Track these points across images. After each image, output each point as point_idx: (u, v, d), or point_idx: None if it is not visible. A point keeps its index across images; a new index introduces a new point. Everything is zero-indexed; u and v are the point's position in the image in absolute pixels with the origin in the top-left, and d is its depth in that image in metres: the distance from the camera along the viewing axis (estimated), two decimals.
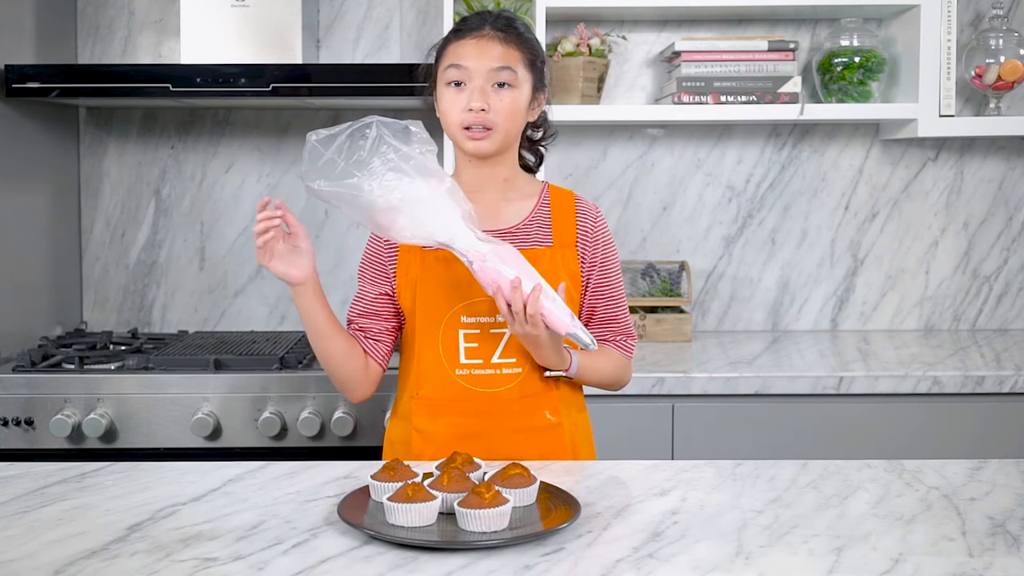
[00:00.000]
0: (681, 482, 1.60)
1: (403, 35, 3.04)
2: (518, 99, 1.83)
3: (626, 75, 3.07)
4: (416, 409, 1.87)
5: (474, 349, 1.84)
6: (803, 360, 2.67)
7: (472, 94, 1.80)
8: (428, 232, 1.71)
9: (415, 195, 1.68)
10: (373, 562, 1.29)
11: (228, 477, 1.62)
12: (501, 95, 1.81)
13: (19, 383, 2.41)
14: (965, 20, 3.04)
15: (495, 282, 1.72)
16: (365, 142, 1.67)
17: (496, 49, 1.81)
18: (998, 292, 3.12)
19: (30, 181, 2.80)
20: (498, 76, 1.81)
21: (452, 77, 1.82)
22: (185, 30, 2.73)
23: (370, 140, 1.67)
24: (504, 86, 1.82)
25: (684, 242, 3.10)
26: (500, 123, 1.82)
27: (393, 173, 1.67)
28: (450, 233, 1.72)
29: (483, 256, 1.72)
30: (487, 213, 1.88)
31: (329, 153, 1.67)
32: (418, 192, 1.69)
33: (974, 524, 1.42)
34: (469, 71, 1.81)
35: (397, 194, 1.67)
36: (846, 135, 3.09)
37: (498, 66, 1.81)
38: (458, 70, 1.81)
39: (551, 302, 1.73)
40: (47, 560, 1.30)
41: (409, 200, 1.68)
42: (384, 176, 1.67)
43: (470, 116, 1.80)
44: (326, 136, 1.68)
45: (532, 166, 2.00)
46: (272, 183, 3.06)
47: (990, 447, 2.47)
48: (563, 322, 1.73)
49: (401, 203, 1.68)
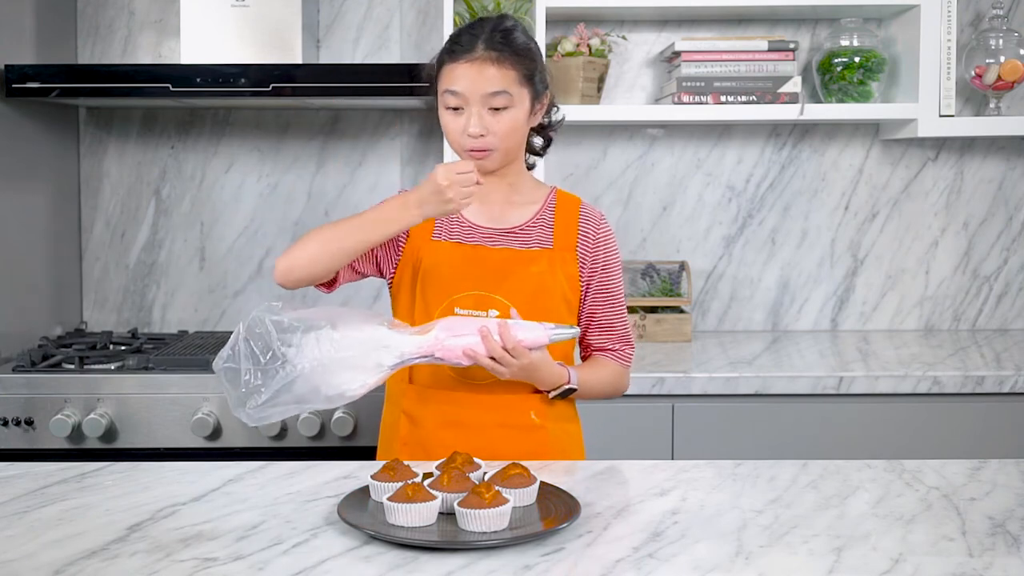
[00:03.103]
0: (681, 482, 1.60)
1: (403, 35, 3.04)
2: (516, 117, 1.85)
3: (626, 75, 3.07)
4: (408, 392, 1.90)
5: None
6: (803, 360, 2.67)
7: (470, 120, 1.82)
8: (375, 363, 1.68)
9: (338, 344, 1.65)
10: (373, 562, 1.29)
11: (228, 477, 1.63)
12: (499, 118, 1.83)
13: (19, 383, 2.41)
14: (965, 20, 3.04)
15: (466, 352, 1.73)
16: (264, 331, 1.63)
17: (490, 72, 1.81)
18: (998, 292, 3.12)
19: (30, 181, 2.80)
20: (493, 101, 1.82)
21: (449, 103, 1.84)
22: (185, 30, 2.73)
23: (269, 328, 1.63)
24: (501, 109, 1.83)
25: (684, 242, 3.10)
26: (499, 144, 1.84)
27: (306, 340, 1.63)
28: (393, 350, 1.70)
29: (436, 341, 1.72)
30: (492, 214, 1.92)
31: (244, 364, 1.61)
32: (336, 338, 1.65)
33: (974, 524, 1.42)
34: (464, 97, 1.82)
35: (322, 351, 1.63)
36: (846, 135, 3.09)
37: (493, 91, 1.81)
38: (455, 96, 1.83)
39: (518, 328, 1.75)
40: (47, 560, 1.30)
41: (337, 350, 1.64)
42: (301, 347, 1.62)
43: (470, 141, 1.83)
44: (228, 354, 1.62)
45: (539, 150, 2.01)
46: (272, 183, 3.06)
47: (990, 447, 2.47)
48: (539, 335, 1.76)
49: (331, 359, 1.64)
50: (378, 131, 3.05)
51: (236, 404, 1.62)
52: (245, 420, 1.62)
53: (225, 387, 1.63)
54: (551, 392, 1.86)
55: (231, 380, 1.62)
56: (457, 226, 1.91)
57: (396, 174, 3.05)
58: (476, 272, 1.87)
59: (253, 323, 1.63)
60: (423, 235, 1.91)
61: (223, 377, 1.62)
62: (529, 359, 1.76)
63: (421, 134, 3.06)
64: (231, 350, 1.62)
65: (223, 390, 1.63)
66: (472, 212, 1.93)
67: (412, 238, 1.91)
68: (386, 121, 3.05)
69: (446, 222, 1.92)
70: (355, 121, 3.05)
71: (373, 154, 3.06)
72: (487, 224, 1.91)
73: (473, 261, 1.88)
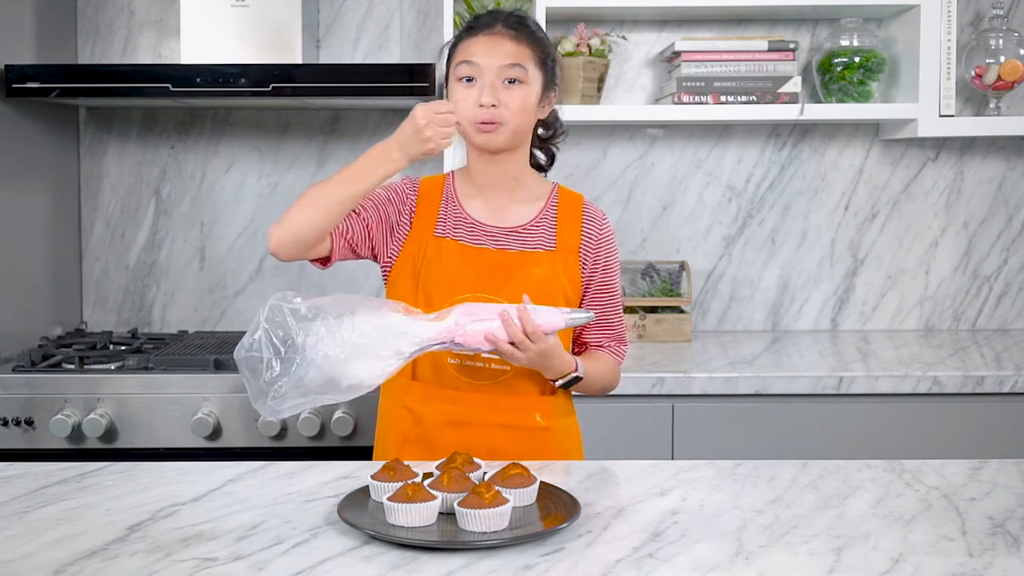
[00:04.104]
0: (681, 482, 1.60)
1: (403, 35, 3.04)
2: (529, 95, 1.86)
3: (626, 75, 3.07)
4: (413, 389, 1.90)
5: None
6: (803, 360, 2.67)
7: (483, 90, 1.83)
8: (394, 351, 1.66)
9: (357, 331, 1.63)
10: (373, 562, 1.29)
11: (228, 477, 1.62)
12: (512, 91, 1.84)
13: (19, 383, 2.41)
14: (965, 20, 3.04)
15: (487, 336, 1.71)
16: (282, 320, 1.61)
17: (508, 46, 1.84)
18: (998, 292, 3.12)
19: (30, 181, 2.80)
20: (509, 73, 1.83)
21: (464, 73, 1.85)
22: (185, 30, 2.73)
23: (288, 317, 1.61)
24: (515, 83, 1.84)
25: (684, 242, 3.10)
26: (510, 118, 1.84)
27: (324, 328, 1.61)
28: (412, 337, 1.68)
29: (456, 327, 1.71)
30: (494, 211, 1.92)
31: (265, 353, 1.59)
32: (357, 325, 1.63)
33: (974, 524, 1.42)
34: (480, 67, 1.83)
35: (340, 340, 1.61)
36: (846, 135, 3.09)
37: (509, 63, 1.83)
38: (470, 66, 1.84)
39: (536, 312, 1.74)
40: (47, 560, 1.30)
41: (355, 338, 1.63)
42: (321, 336, 1.61)
43: (481, 112, 1.83)
44: (250, 343, 1.60)
45: (544, 165, 2.02)
46: (272, 183, 3.06)
47: (990, 447, 2.47)
48: (556, 319, 1.75)
49: (349, 348, 1.62)
50: (378, 131, 3.05)
51: (256, 396, 1.60)
52: (264, 413, 1.61)
53: (246, 377, 1.60)
54: (558, 380, 1.86)
55: (252, 370, 1.60)
56: (461, 223, 1.91)
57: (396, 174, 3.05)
58: (479, 273, 1.87)
59: (272, 312, 1.62)
60: (426, 230, 1.91)
61: (244, 367, 1.60)
62: (547, 344, 1.75)
63: None
64: (252, 339, 1.60)
65: (243, 379, 1.61)
66: (475, 208, 1.92)
67: (414, 232, 1.91)
68: (386, 121, 3.05)
69: (450, 218, 1.91)
70: (355, 121, 3.05)
71: None
72: (490, 222, 1.91)
73: (476, 262, 1.87)
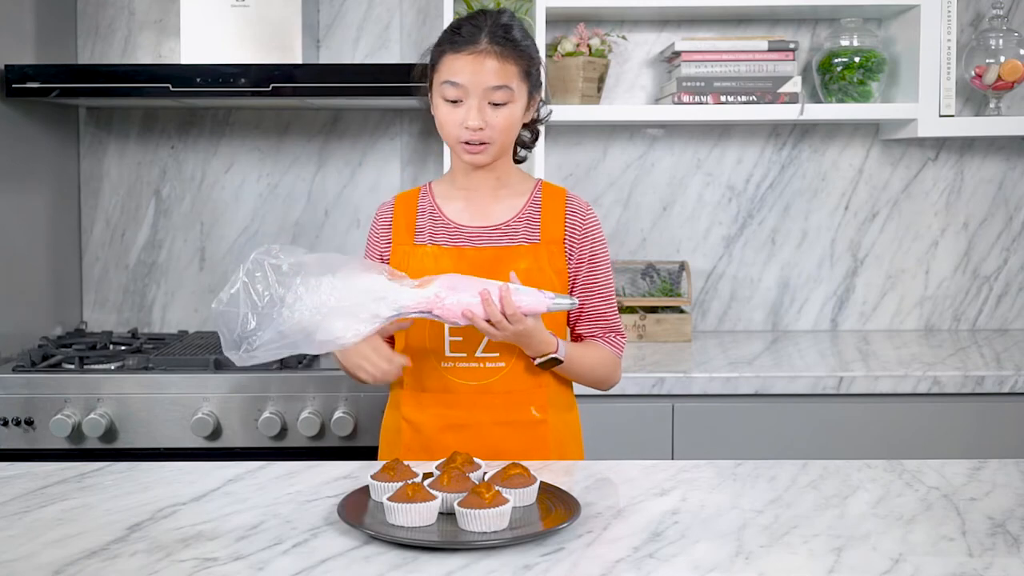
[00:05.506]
0: (681, 482, 1.60)
1: (403, 35, 3.04)
2: (514, 113, 1.85)
3: (626, 75, 3.07)
4: (405, 399, 1.90)
5: (459, 343, 1.87)
6: (803, 360, 2.67)
7: (469, 112, 1.81)
8: (372, 313, 1.67)
9: (337, 291, 1.64)
10: (373, 562, 1.29)
11: (228, 477, 1.63)
12: (498, 112, 1.83)
13: (19, 383, 2.41)
14: (965, 20, 3.04)
15: (464, 312, 1.72)
16: (263, 275, 1.62)
17: (492, 66, 1.81)
18: (998, 292, 3.12)
19: (30, 181, 2.80)
20: (494, 96, 1.82)
21: (449, 95, 1.83)
22: (185, 30, 2.73)
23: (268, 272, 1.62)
24: (501, 104, 1.82)
25: (684, 242, 3.10)
26: (497, 138, 1.84)
27: (303, 288, 1.63)
28: (391, 302, 1.69)
29: (436, 299, 1.71)
30: (477, 212, 1.91)
31: (242, 308, 1.61)
32: (337, 286, 1.64)
33: (974, 524, 1.42)
34: (466, 89, 1.81)
35: (318, 300, 1.62)
36: (846, 135, 3.09)
37: (494, 85, 1.81)
38: (454, 88, 1.82)
39: (518, 293, 1.74)
40: (47, 560, 1.30)
41: (335, 299, 1.63)
42: (300, 295, 1.62)
43: (467, 133, 1.82)
44: (228, 297, 1.62)
45: (528, 142, 2.00)
46: (272, 183, 3.06)
47: (990, 447, 2.47)
48: (538, 301, 1.75)
49: (327, 309, 1.63)
50: (378, 131, 3.05)
51: (229, 347, 1.62)
52: (235, 360, 1.63)
53: (220, 328, 1.63)
54: (536, 359, 1.84)
55: (228, 323, 1.62)
56: (441, 227, 1.90)
57: (396, 174, 3.05)
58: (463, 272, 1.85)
59: (253, 266, 1.63)
60: (405, 241, 1.91)
61: (219, 319, 1.62)
62: (525, 325, 1.74)
63: (421, 134, 3.06)
64: (229, 292, 1.62)
65: (217, 331, 1.64)
66: (456, 212, 1.92)
67: (395, 245, 1.91)
68: (386, 121, 3.05)
69: (428, 224, 1.91)
70: (355, 121, 3.05)
71: (373, 154, 3.06)
72: (472, 223, 1.90)
73: (459, 263, 1.86)
